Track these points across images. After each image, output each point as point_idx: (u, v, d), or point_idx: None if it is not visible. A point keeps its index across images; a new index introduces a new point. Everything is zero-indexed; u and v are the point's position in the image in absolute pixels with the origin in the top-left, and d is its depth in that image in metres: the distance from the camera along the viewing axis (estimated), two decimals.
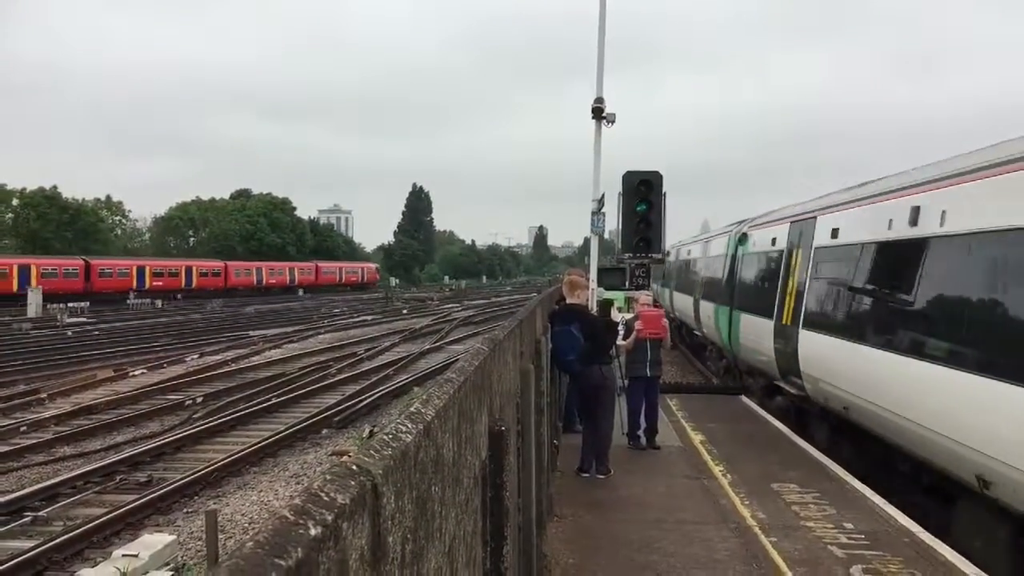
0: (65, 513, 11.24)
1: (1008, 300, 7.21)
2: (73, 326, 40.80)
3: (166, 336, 36.33)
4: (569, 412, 12.48)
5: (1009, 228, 7.20)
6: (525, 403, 5.41)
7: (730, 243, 20.39)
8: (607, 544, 7.80)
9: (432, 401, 2.23)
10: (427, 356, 28.83)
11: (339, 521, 1.23)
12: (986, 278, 7.69)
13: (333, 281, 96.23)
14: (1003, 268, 7.36)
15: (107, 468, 13.10)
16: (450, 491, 2.32)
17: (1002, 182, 7.45)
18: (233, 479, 12.97)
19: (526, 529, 5.16)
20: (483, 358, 3.39)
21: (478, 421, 3.13)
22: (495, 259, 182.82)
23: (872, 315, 10.35)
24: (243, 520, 10.89)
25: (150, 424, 17.19)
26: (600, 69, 13.20)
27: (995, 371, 7.05)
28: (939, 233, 8.53)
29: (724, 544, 7.74)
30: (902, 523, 8.38)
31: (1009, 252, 7.26)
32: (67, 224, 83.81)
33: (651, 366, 11.87)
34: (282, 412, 18.27)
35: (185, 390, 21.20)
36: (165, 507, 11.45)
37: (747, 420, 14.73)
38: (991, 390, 7.02)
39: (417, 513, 1.80)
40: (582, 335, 9.67)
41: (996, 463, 7.07)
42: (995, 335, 7.37)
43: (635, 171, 13.75)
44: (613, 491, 9.76)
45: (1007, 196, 7.36)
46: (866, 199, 11.33)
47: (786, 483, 9.95)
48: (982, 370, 7.27)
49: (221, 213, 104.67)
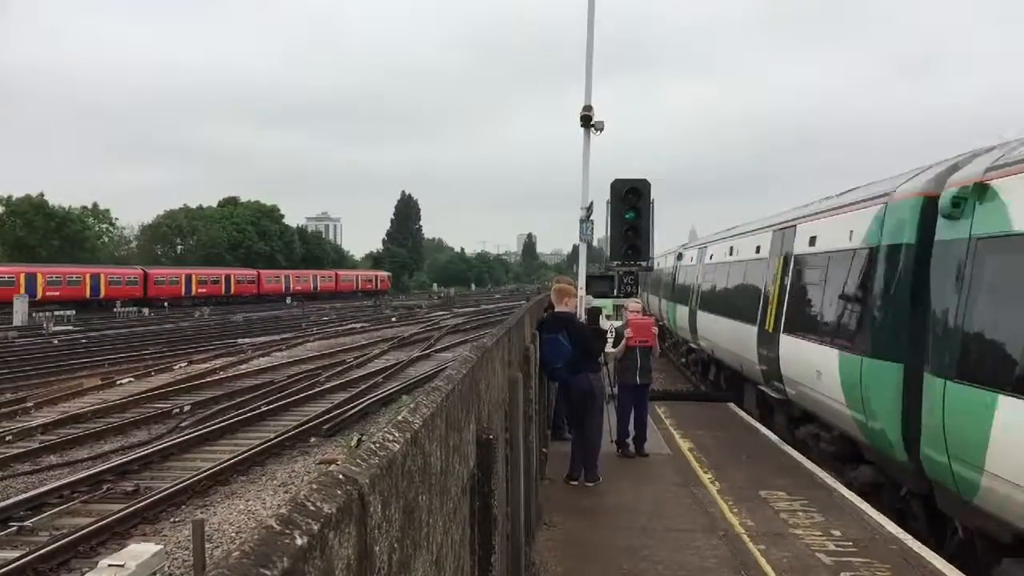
0: (51, 523, 11.16)
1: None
2: (60, 334, 40.57)
3: (154, 344, 36.17)
4: (558, 420, 12.48)
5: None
6: (513, 411, 5.41)
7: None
8: (596, 552, 7.80)
9: (420, 410, 2.23)
10: (416, 364, 28.79)
11: (325, 531, 1.22)
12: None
13: (351, 288, 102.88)
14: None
15: (94, 477, 13.02)
16: (438, 500, 2.31)
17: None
18: (221, 488, 12.91)
19: (515, 538, 5.15)
20: (471, 366, 3.40)
21: (466, 429, 3.13)
22: (484, 267, 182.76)
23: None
24: (231, 530, 10.84)
25: (138, 433, 17.10)
26: (588, 77, 13.23)
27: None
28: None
29: (713, 552, 7.74)
30: (890, 531, 8.41)
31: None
32: (54, 231, 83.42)
33: (641, 374, 11.89)
34: (271, 420, 18.20)
35: (173, 398, 21.10)
36: (152, 516, 11.38)
37: (736, 427, 14.75)
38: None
39: (404, 522, 1.80)
40: (570, 343, 9.68)
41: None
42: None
43: (623, 179, 13.79)
44: (602, 499, 9.76)
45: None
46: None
47: (775, 490, 9.97)
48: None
49: (209, 221, 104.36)
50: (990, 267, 7.33)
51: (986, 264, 7.36)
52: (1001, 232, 7.18)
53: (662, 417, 15.11)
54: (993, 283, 7.28)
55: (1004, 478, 6.64)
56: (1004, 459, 6.63)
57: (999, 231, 7.21)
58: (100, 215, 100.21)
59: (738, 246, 18.31)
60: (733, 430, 14.42)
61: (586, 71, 13.26)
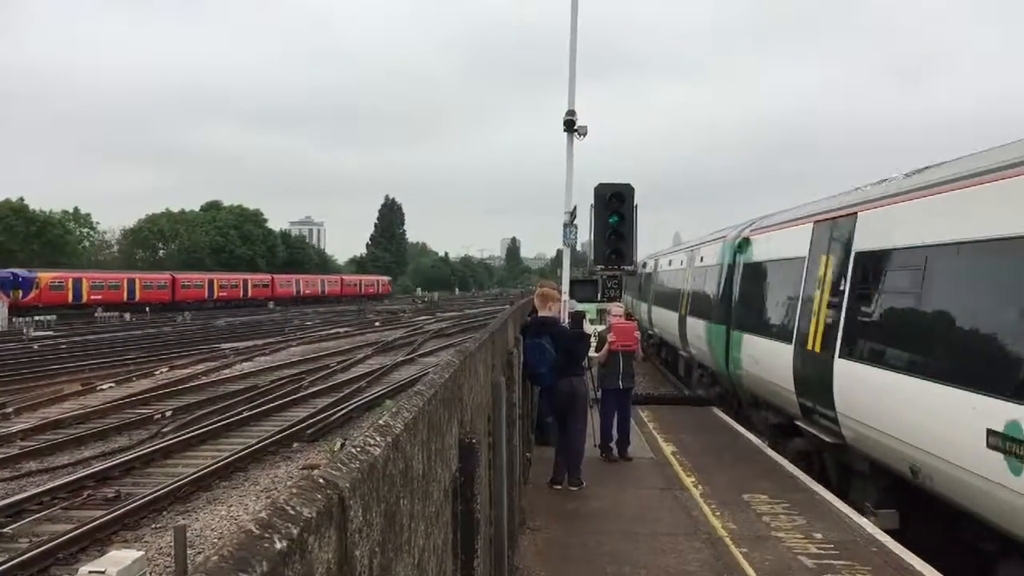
0: (31, 529, 11.06)
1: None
2: (40, 339, 40.24)
3: (135, 349, 35.93)
4: (541, 424, 12.49)
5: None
6: (496, 415, 5.41)
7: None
8: (579, 556, 7.81)
9: (401, 414, 2.23)
10: (400, 368, 28.74)
11: (305, 535, 1.23)
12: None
13: (355, 292, 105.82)
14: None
15: (74, 483, 12.91)
16: (420, 504, 2.32)
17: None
18: (203, 494, 12.83)
19: (497, 542, 5.15)
20: (454, 371, 3.40)
21: (448, 434, 3.13)
22: (468, 271, 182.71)
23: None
24: (212, 535, 10.78)
25: (118, 438, 16.97)
26: (572, 82, 13.25)
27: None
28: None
29: (696, 555, 7.77)
30: (871, 533, 8.46)
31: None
32: (34, 236, 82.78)
33: (624, 378, 11.92)
34: (253, 425, 18.11)
35: (154, 404, 20.95)
36: (133, 523, 11.29)
37: (718, 431, 14.81)
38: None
39: (385, 526, 1.80)
40: (554, 347, 9.70)
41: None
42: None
43: (607, 183, 13.81)
44: (585, 503, 9.77)
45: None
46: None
47: (757, 494, 10.01)
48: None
49: (191, 225, 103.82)
50: (746, 275, 15.53)
51: (744, 274, 15.65)
52: (750, 260, 15.41)
53: (645, 421, 15.15)
54: (747, 283, 15.46)
55: (747, 370, 14.49)
56: (743, 361, 14.68)
57: (751, 260, 15.42)
58: (81, 219, 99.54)
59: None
60: (715, 434, 14.48)
61: (569, 76, 13.28)
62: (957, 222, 7.75)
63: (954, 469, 7.22)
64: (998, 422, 6.40)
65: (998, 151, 7.47)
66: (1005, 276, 6.92)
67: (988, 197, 7.25)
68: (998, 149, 7.52)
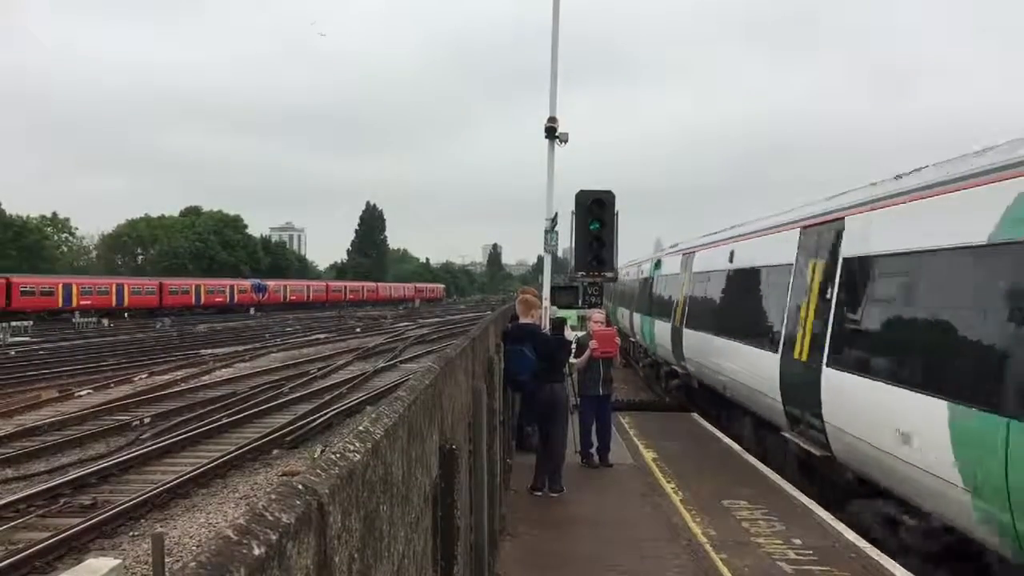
0: (7, 537, 10.92)
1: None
2: (16, 346, 39.84)
3: (114, 356, 35.62)
4: (522, 430, 12.49)
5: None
6: (477, 422, 5.41)
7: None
8: (560, 562, 7.82)
9: (381, 420, 2.23)
10: (381, 375, 28.65)
11: (283, 541, 1.23)
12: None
13: (356, 299, 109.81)
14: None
15: (51, 491, 12.77)
16: (399, 510, 2.32)
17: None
18: (181, 501, 12.73)
19: (478, 548, 5.15)
20: (434, 377, 3.40)
21: (429, 440, 3.13)
22: (449, 277, 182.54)
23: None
24: (191, 543, 10.70)
25: (96, 445, 16.80)
26: (553, 88, 13.30)
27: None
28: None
29: (676, 561, 7.79)
30: (850, 539, 8.51)
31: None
32: (11, 241, 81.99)
33: (603, 384, 11.96)
34: (232, 432, 17.99)
35: (133, 410, 20.76)
36: (111, 530, 11.18)
37: (698, 438, 14.86)
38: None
39: (365, 532, 1.80)
40: (535, 354, 9.70)
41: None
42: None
43: (588, 190, 13.85)
44: (566, 509, 9.78)
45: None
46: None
47: (736, 500, 10.06)
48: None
49: (170, 231, 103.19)
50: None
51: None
52: (734, 267, 15.60)
53: (626, 427, 15.18)
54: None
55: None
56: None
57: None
58: (59, 224, 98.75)
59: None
60: (696, 440, 14.53)
61: (551, 83, 13.34)
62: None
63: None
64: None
65: (991, 153, 7.09)
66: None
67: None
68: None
